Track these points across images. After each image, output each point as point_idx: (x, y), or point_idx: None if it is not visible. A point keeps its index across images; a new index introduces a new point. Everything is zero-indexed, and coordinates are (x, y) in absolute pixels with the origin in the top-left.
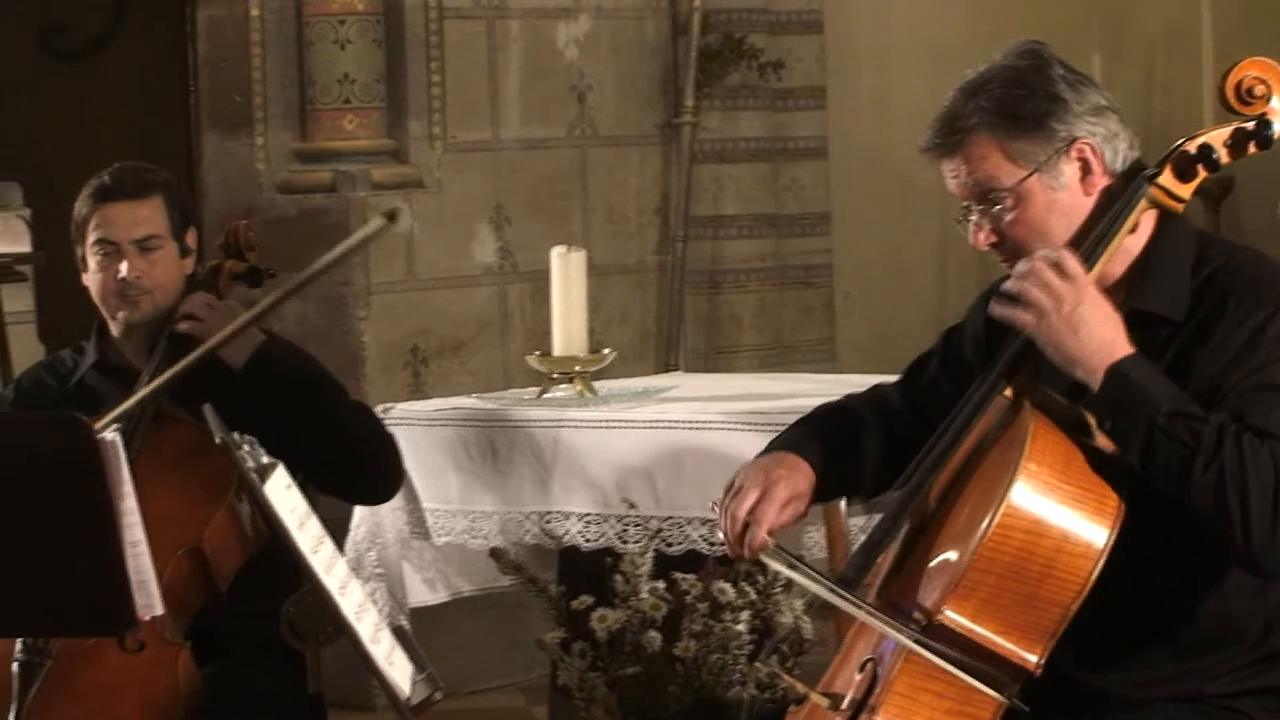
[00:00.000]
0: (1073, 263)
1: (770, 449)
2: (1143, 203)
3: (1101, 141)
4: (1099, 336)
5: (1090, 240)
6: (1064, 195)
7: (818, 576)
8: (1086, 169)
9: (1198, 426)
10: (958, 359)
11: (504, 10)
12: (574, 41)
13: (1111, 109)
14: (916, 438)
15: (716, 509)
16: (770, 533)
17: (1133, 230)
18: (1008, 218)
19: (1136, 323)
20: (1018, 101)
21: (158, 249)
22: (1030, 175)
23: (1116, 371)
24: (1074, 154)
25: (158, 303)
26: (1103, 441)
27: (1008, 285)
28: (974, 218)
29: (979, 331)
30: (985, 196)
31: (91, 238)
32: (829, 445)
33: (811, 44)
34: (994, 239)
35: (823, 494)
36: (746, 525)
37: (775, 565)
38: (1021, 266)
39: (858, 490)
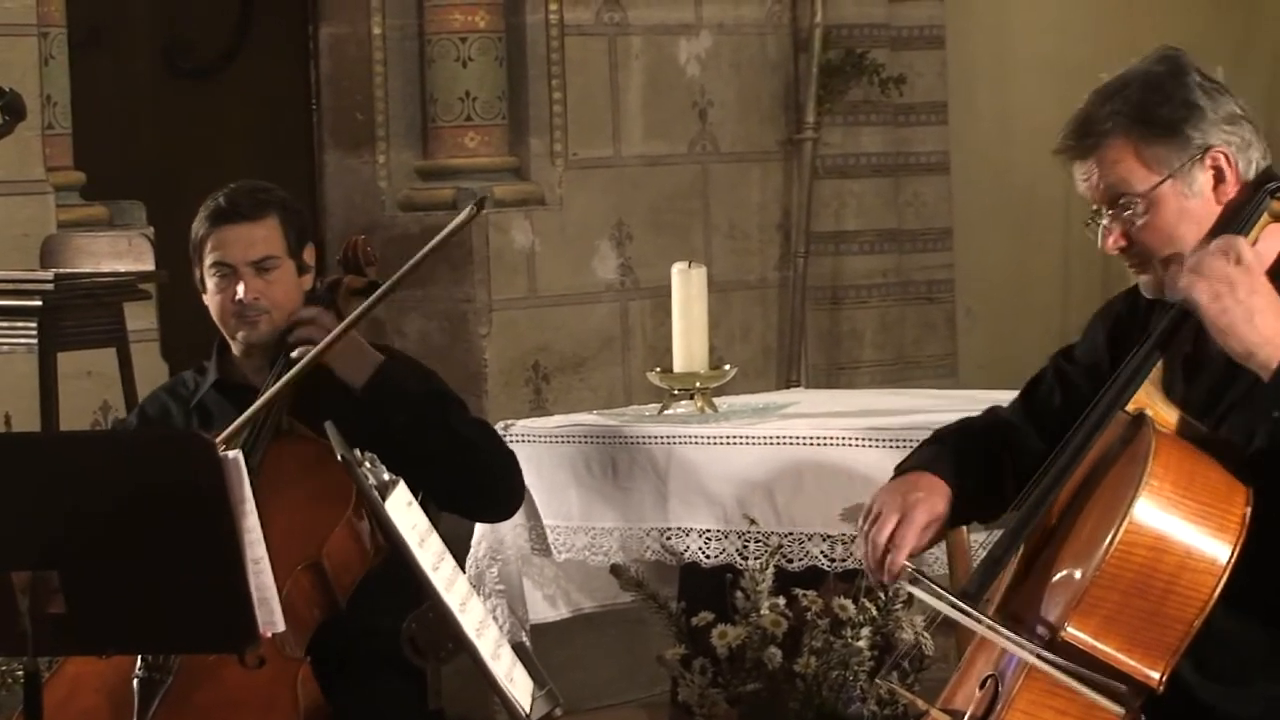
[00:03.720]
0: (1247, 250)
1: (902, 470)
2: (1264, 218)
3: (1236, 151)
4: (1273, 326)
5: None
6: (1196, 203)
7: (957, 602)
8: (1220, 177)
9: None
10: (1068, 380)
11: (625, 27)
12: (695, 58)
13: (1246, 118)
14: (1036, 459)
15: (858, 534)
16: (910, 557)
17: (1252, 245)
18: (1139, 223)
19: None
20: (1154, 107)
21: (274, 269)
22: (1164, 181)
23: None
24: (1208, 162)
25: (276, 322)
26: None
27: (1187, 267)
28: (1105, 221)
29: (1098, 351)
30: (1117, 200)
31: (208, 260)
32: (962, 465)
33: (933, 59)
34: (1124, 243)
35: (959, 515)
36: (887, 550)
37: (917, 592)
38: (1191, 260)
39: (985, 512)
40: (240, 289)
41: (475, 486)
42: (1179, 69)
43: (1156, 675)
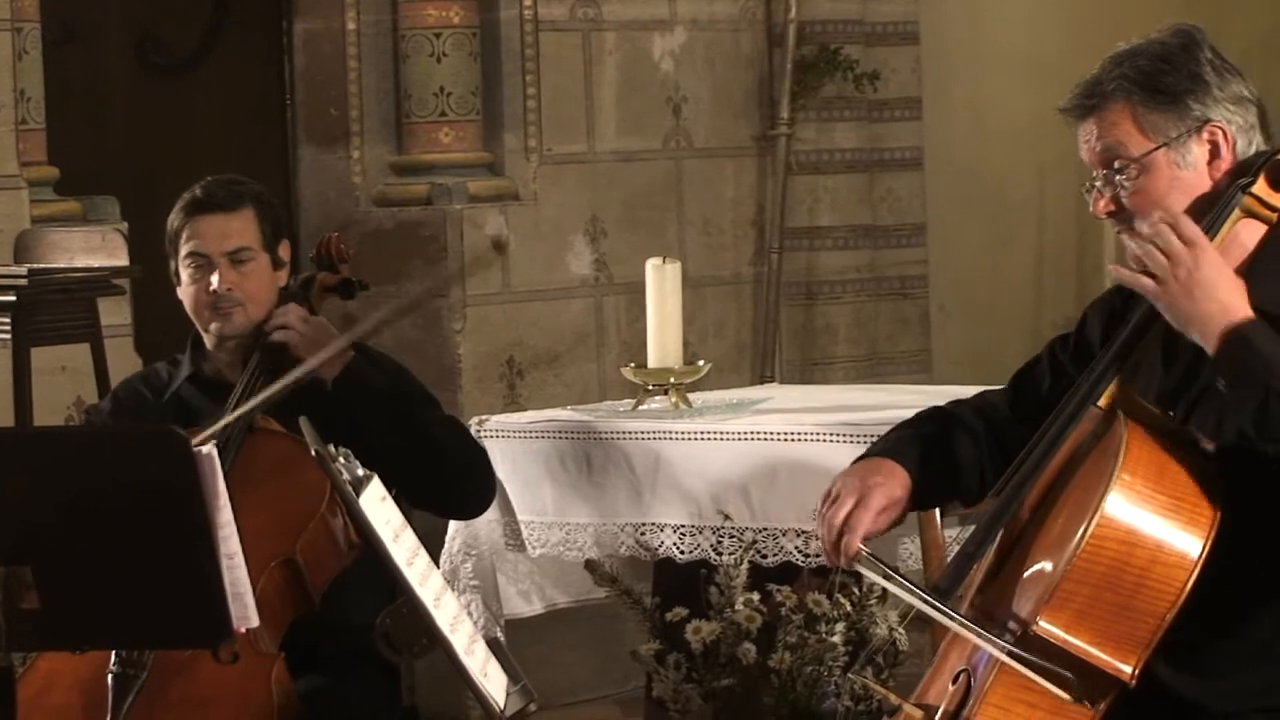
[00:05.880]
0: (1190, 226)
1: (868, 454)
2: (1236, 212)
3: (1237, 131)
4: (1217, 300)
5: None
6: (1188, 174)
7: (911, 586)
8: (1216, 153)
9: None
10: (1062, 368)
11: (600, 23)
12: (669, 54)
13: (1254, 102)
14: (1020, 445)
15: (816, 516)
16: (865, 539)
17: (1221, 242)
18: (1129, 187)
19: None
20: (1159, 75)
21: (249, 261)
22: (1158, 149)
23: (1236, 334)
24: (1205, 136)
25: (250, 315)
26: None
27: (1131, 251)
28: (1098, 184)
29: (1093, 342)
30: (1111, 163)
31: (184, 250)
32: (927, 451)
33: (907, 55)
34: (1112, 207)
35: (920, 501)
36: (842, 533)
37: (869, 574)
38: (1142, 227)
39: (956, 496)
40: (215, 279)
41: (444, 484)
42: (1192, 43)
43: (1129, 669)
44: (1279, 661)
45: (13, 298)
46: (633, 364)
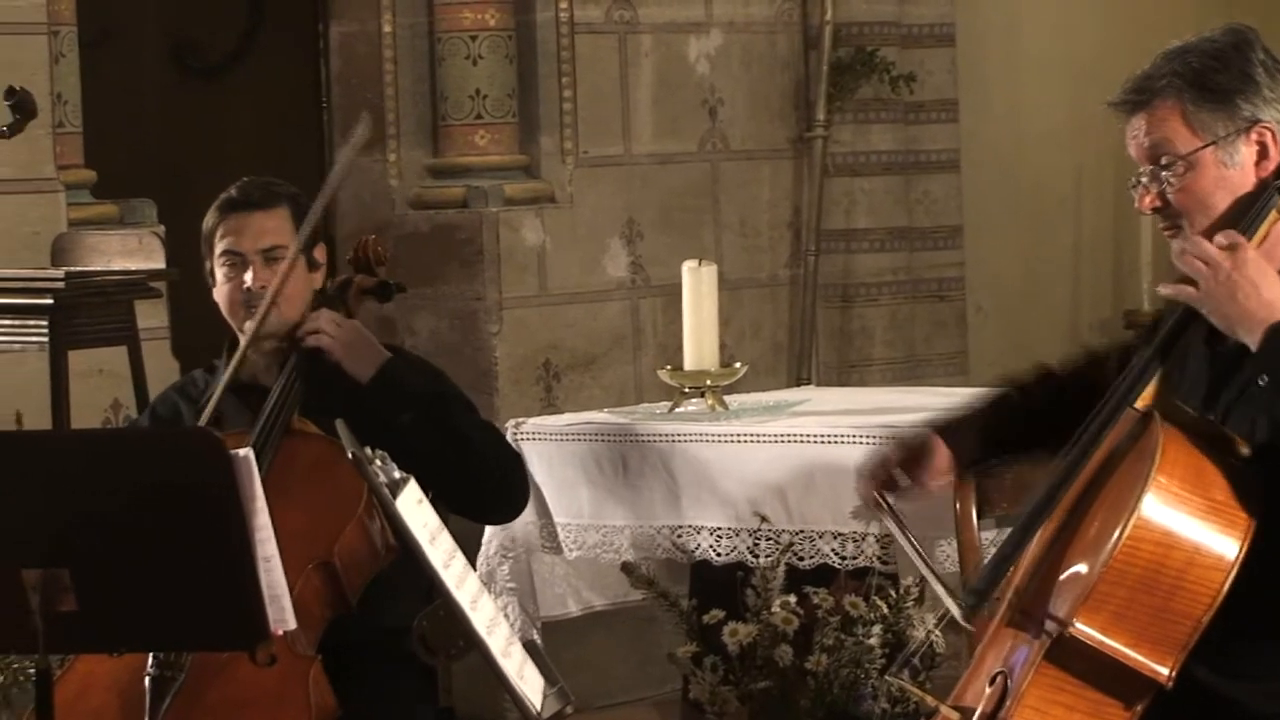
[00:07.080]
0: (1230, 232)
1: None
2: (1273, 214)
3: None
4: (1259, 297)
5: None
6: (1234, 173)
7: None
8: (1264, 153)
9: None
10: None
11: (635, 25)
12: (705, 56)
13: None
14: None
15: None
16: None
17: (1262, 242)
18: (1175, 184)
19: None
20: (1210, 73)
21: (283, 260)
22: (1205, 147)
23: (1278, 329)
24: (1254, 136)
25: (284, 314)
26: (1238, 445)
27: (1174, 249)
28: (1144, 179)
29: None
30: (1158, 159)
31: (218, 249)
32: (972, 418)
33: (943, 57)
34: (1158, 203)
35: (968, 460)
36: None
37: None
38: (1176, 246)
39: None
40: (248, 277)
41: (477, 488)
42: (1244, 43)
43: (1165, 671)
44: None
45: (50, 301)
46: (669, 366)
